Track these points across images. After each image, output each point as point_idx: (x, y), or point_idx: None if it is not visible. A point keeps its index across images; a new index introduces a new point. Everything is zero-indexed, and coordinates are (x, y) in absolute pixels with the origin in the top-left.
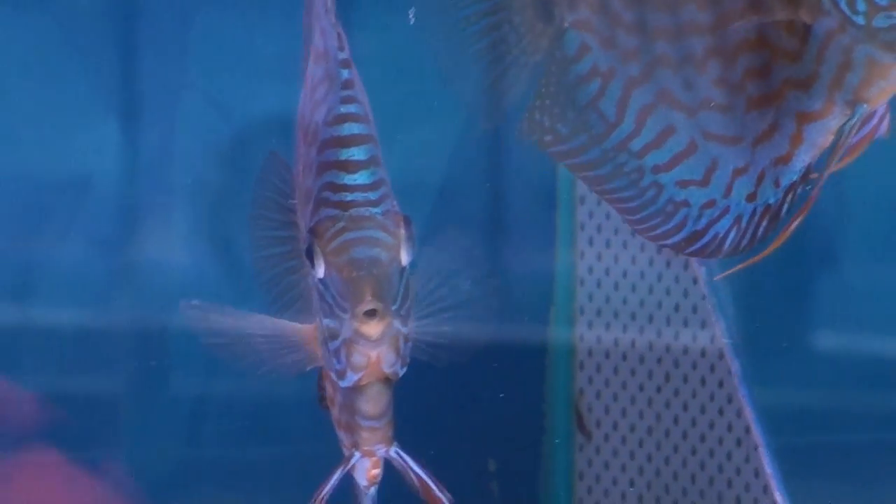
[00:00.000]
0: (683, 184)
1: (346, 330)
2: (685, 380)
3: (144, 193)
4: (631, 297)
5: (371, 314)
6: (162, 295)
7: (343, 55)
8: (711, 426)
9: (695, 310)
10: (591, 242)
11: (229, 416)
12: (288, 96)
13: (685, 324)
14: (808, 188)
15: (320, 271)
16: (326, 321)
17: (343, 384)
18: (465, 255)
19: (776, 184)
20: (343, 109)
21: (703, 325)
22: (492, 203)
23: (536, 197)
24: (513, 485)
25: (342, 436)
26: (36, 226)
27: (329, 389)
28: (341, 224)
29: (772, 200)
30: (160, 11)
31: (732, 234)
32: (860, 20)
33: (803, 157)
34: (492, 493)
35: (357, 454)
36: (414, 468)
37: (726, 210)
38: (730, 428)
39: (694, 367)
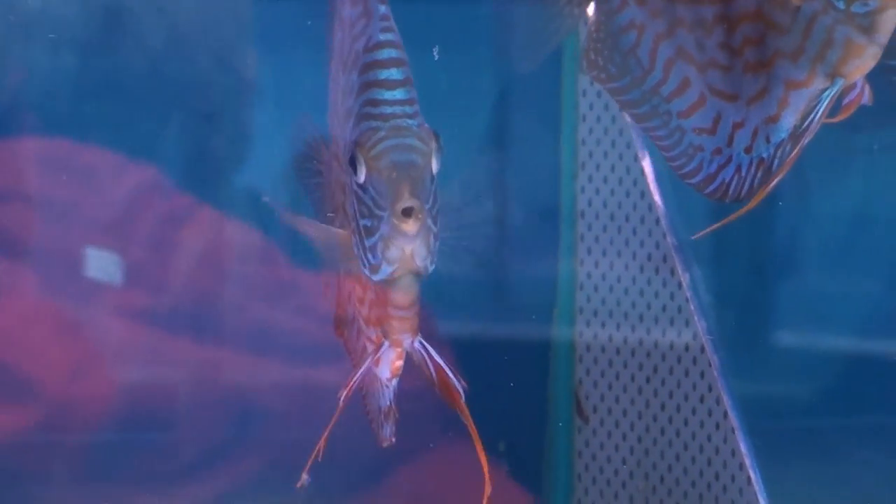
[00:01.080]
0: (699, 131)
1: (385, 227)
2: (671, 371)
3: None
4: (624, 300)
5: (408, 212)
6: None
7: None
8: (694, 412)
9: (680, 310)
10: (589, 252)
11: None
12: None
13: (671, 323)
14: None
15: (361, 176)
16: (364, 221)
17: (376, 278)
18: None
19: (767, 139)
20: (381, 37)
21: (687, 324)
22: (501, 218)
23: (541, 212)
24: (520, 462)
25: (368, 334)
26: None
27: (358, 291)
28: (382, 133)
29: (765, 154)
30: None
31: (735, 182)
32: (840, 4)
33: (789, 119)
34: (502, 470)
35: (386, 343)
36: (434, 357)
37: (730, 159)
38: (710, 413)
39: (679, 360)
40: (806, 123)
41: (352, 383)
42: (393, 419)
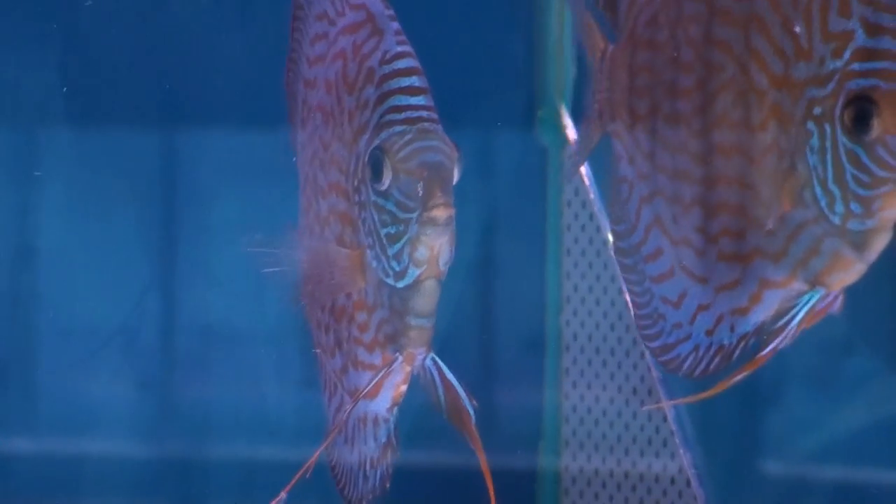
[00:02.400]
0: (664, 300)
1: (413, 227)
2: None
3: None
4: (609, 432)
5: (440, 208)
6: (201, 429)
7: (390, 12)
8: None
9: (665, 443)
10: (574, 385)
11: None
12: None
13: (657, 455)
14: (758, 343)
15: (385, 182)
16: (386, 230)
17: (402, 283)
18: None
19: (731, 329)
20: (400, 49)
21: (673, 456)
22: (486, 350)
23: (526, 344)
24: None
25: (370, 361)
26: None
27: (360, 318)
28: (409, 136)
29: (726, 342)
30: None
31: (690, 359)
32: (836, 220)
33: (758, 315)
34: None
35: (400, 358)
36: (447, 374)
37: (689, 336)
38: None
39: (664, 493)
40: (780, 324)
41: (361, 395)
42: (390, 457)
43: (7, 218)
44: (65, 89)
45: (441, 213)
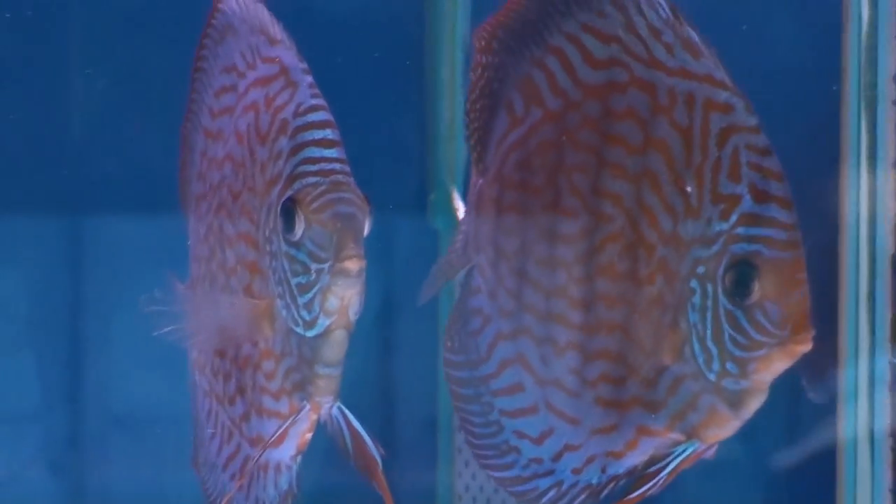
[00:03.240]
0: (520, 434)
1: (324, 278)
2: None
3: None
4: None
5: (352, 259)
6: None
7: (303, 65)
8: None
9: None
10: (466, 464)
11: None
12: None
13: None
14: (628, 484)
15: (298, 233)
16: (297, 280)
17: (312, 333)
18: None
19: (603, 470)
20: (314, 101)
21: None
22: (381, 428)
23: (420, 423)
24: None
25: (276, 408)
26: None
27: (267, 366)
28: (323, 187)
29: (594, 481)
30: None
31: (552, 493)
32: (712, 377)
33: (633, 460)
34: None
35: (307, 406)
36: (353, 423)
37: (551, 472)
38: None
39: None
40: (652, 470)
41: (264, 448)
42: (289, 500)
43: None
44: None
45: (353, 266)
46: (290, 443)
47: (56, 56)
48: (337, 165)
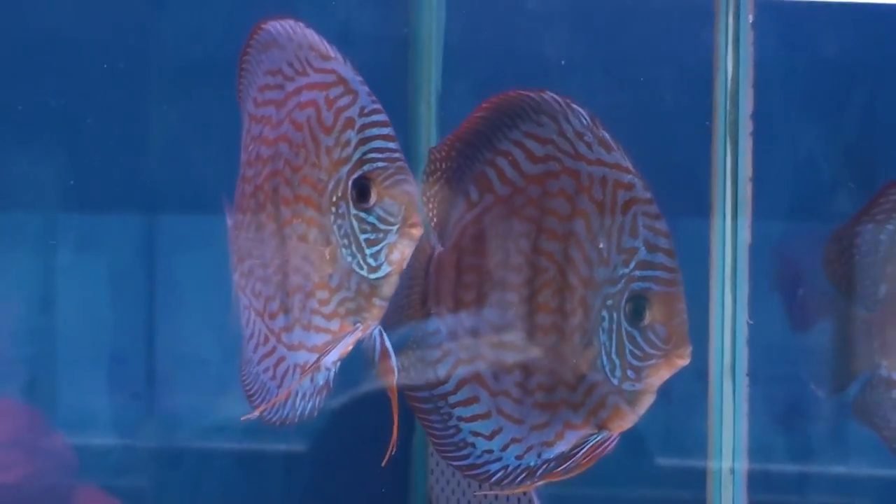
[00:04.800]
0: (475, 433)
1: (390, 237)
2: None
3: None
4: None
5: (416, 226)
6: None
7: (360, 77)
8: None
9: None
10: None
11: None
12: None
13: None
14: (556, 465)
15: (371, 202)
16: (365, 236)
17: (374, 276)
18: None
19: (539, 455)
20: (375, 106)
21: None
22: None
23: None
24: None
25: (327, 326)
26: None
27: (323, 294)
28: (392, 170)
29: (532, 464)
30: None
31: (500, 474)
32: (616, 382)
33: (560, 448)
34: None
35: (360, 326)
36: (386, 343)
37: (499, 459)
38: None
39: None
40: (572, 453)
41: (325, 352)
42: (324, 396)
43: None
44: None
45: (416, 231)
46: (335, 351)
47: (138, 83)
48: (399, 155)
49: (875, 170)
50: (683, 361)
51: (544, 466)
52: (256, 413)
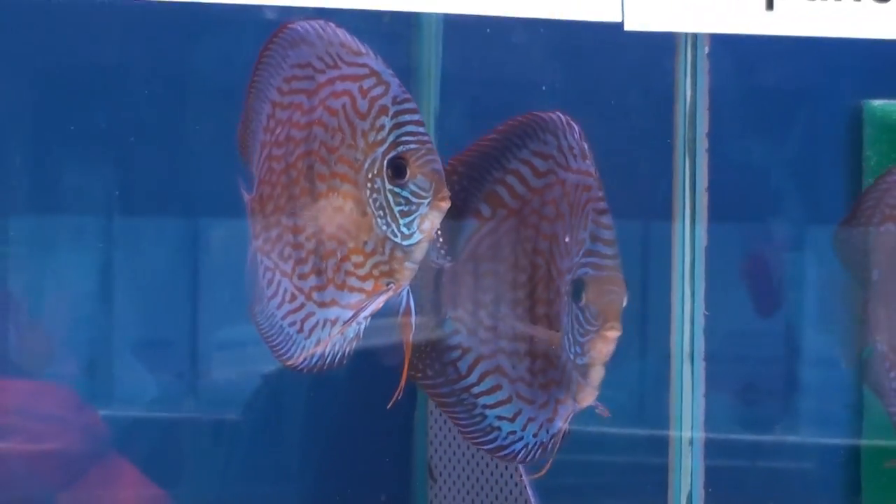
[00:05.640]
0: (500, 417)
1: (423, 209)
2: None
3: None
4: None
5: (446, 199)
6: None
7: (390, 70)
8: None
9: None
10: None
11: None
12: None
13: None
14: (561, 439)
15: (405, 179)
16: (400, 208)
17: (407, 243)
18: None
19: (547, 432)
20: (406, 95)
21: None
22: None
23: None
24: None
25: (362, 286)
26: None
27: (358, 258)
28: (423, 151)
29: (544, 440)
30: None
31: (522, 452)
32: (572, 357)
33: (558, 424)
34: None
35: (392, 286)
36: (411, 302)
37: (521, 438)
38: None
39: None
40: (563, 426)
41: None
42: (353, 346)
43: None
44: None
45: (446, 204)
46: (369, 307)
47: (179, 97)
48: (428, 138)
49: (814, 181)
50: (613, 334)
51: (552, 442)
52: (295, 361)
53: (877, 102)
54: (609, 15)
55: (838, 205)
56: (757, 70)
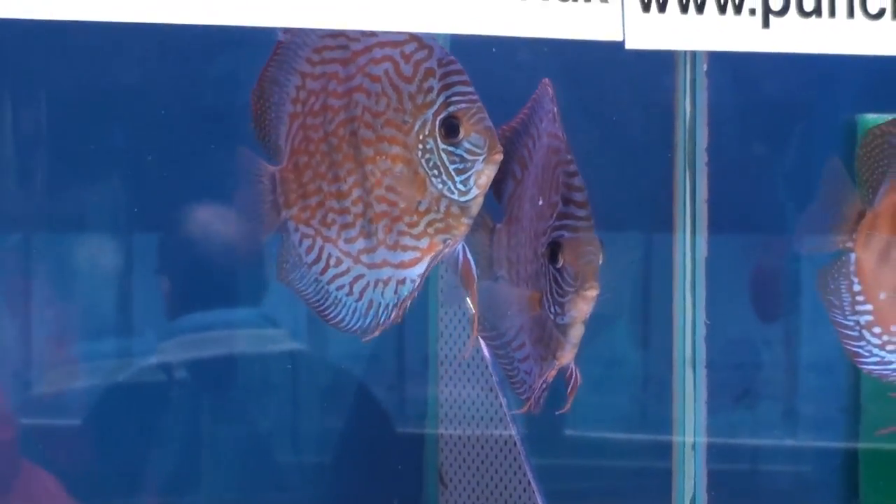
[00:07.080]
0: (527, 372)
1: (478, 165)
2: None
3: None
4: None
5: (499, 153)
6: None
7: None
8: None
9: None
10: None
11: None
12: None
13: None
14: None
15: (460, 137)
16: (455, 165)
17: (464, 199)
18: None
19: (544, 383)
20: (450, 57)
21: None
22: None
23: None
24: None
25: (417, 244)
26: None
27: (411, 218)
28: (474, 109)
29: (542, 389)
30: None
31: (542, 396)
32: (552, 316)
33: (548, 369)
34: None
35: (449, 242)
36: (468, 255)
37: (532, 387)
38: None
39: None
40: (546, 379)
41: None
42: (407, 305)
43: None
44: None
45: (499, 157)
46: (421, 266)
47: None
48: (476, 97)
49: (811, 192)
50: (592, 293)
51: (544, 393)
52: (347, 323)
53: (870, 116)
54: (611, 34)
55: None
56: (754, 86)
